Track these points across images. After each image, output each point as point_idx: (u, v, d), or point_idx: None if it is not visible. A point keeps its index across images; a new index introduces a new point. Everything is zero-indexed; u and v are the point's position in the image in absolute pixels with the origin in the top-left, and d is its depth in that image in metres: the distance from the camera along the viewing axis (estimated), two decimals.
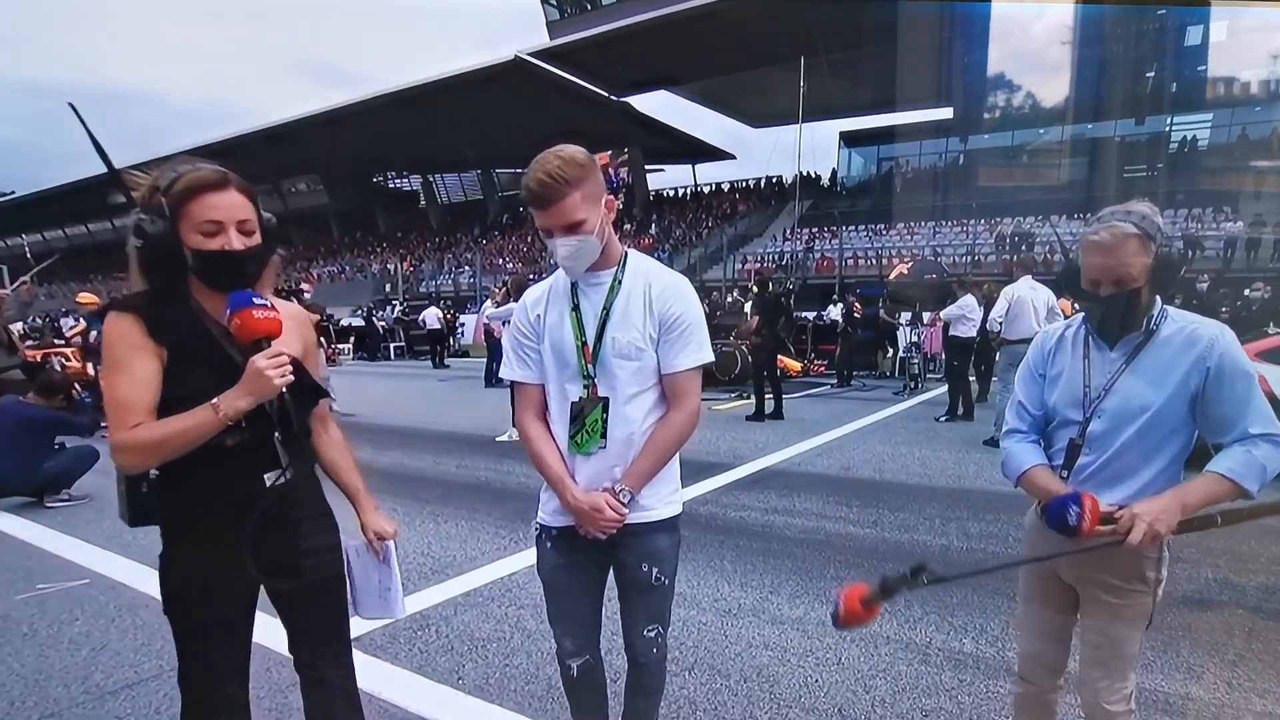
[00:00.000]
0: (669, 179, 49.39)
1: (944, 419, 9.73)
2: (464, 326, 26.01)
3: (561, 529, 2.06)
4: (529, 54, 34.30)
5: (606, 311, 1.97)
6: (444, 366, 20.21)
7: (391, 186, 56.14)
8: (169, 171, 1.63)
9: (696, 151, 46.82)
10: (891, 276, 18.49)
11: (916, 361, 13.31)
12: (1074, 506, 1.78)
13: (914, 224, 33.42)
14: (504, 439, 8.25)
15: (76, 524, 5.42)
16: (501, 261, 38.57)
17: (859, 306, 14.91)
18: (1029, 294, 8.07)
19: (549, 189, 1.82)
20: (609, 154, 42.24)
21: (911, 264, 20.59)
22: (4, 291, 10.93)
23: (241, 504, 1.68)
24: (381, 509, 2.03)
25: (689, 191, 47.16)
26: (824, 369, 16.07)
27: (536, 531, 2.15)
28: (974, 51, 34.43)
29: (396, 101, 38.18)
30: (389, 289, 34.46)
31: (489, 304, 14.19)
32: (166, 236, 1.61)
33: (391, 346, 25.11)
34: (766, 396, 9.98)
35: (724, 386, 13.09)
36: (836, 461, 7.36)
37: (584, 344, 1.97)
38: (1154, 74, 33.24)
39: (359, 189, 52.31)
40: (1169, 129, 34.75)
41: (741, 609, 3.83)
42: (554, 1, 36.41)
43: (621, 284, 1.99)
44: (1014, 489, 2.10)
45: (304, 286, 12.16)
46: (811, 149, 45.85)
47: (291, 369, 1.65)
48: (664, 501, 2.06)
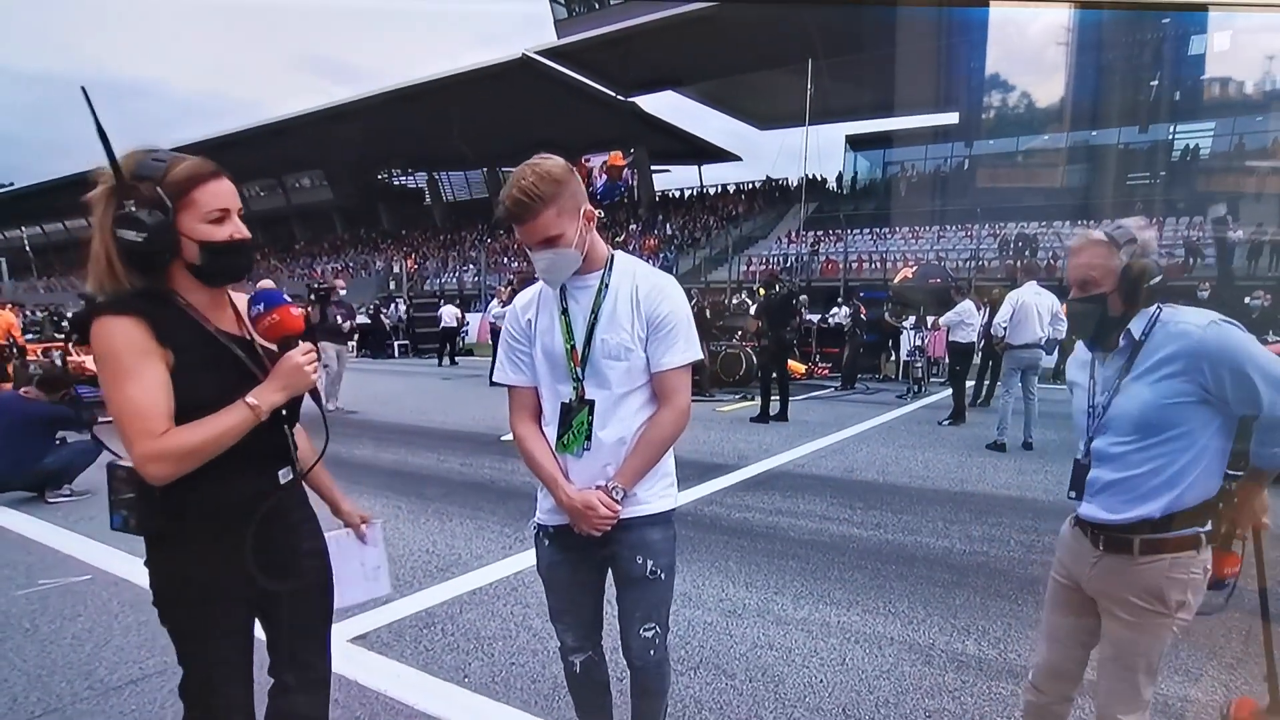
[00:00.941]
0: (675, 179, 49.54)
1: (946, 422, 9.71)
2: (469, 325, 26.02)
3: (559, 527, 2.08)
4: (536, 52, 34.35)
5: (595, 314, 1.99)
6: (454, 364, 20.25)
7: (396, 183, 56.17)
8: (149, 162, 1.54)
9: (702, 152, 46.85)
10: (896, 280, 18.50)
11: (920, 365, 13.28)
12: None
13: (918, 228, 33.40)
14: (508, 438, 8.20)
15: (77, 519, 5.41)
16: (506, 260, 38.57)
17: (864, 310, 14.88)
18: (1033, 299, 8.06)
19: (523, 207, 1.84)
20: (620, 153, 42.18)
21: (916, 268, 20.60)
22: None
23: (252, 501, 1.65)
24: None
25: (694, 192, 47.14)
26: (828, 372, 16.06)
27: (534, 530, 2.17)
28: (979, 57, 34.48)
29: (402, 98, 38.27)
30: (393, 286, 34.50)
31: (495, 303, 14.21)
32: (166, 228, 1.53)
33: (395, 344, 25.09)
34: (772, 399, 9.98)
35: (729, 388, 13.09)
36: (840, 464, 7.35)
37: (572, 347, 1.99)
38: (1157, 82, 33.27)
39: (363, 185, 52.37)
40: (1171, 137, 34.77)
41: (746, 609, 3.83)
42: (562, 1, 36.44)
43: (608, 286, 2.01)
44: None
45: (338, 283, 12.22)
46: (817, 152, 45.91)
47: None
48: (657, 495, 2.07)
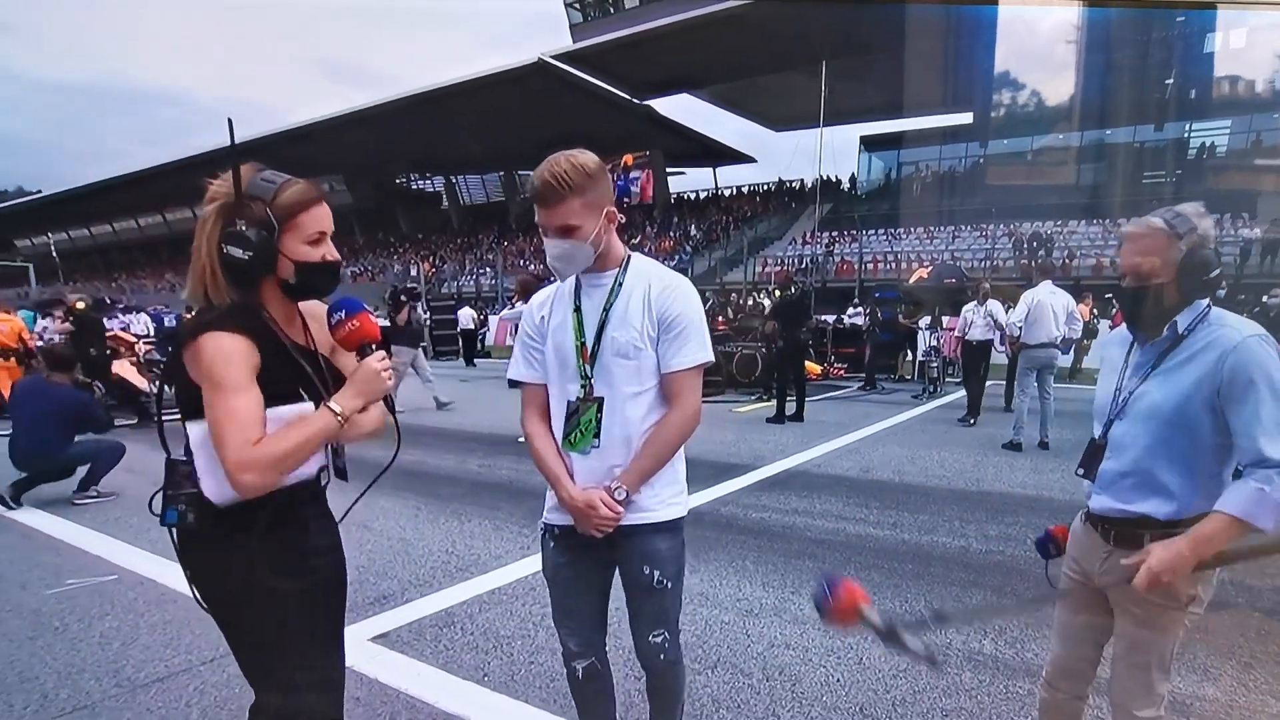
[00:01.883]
0: (689, 182, 49.44)
1: (971, 422, 9.67)
2: (487, 328, 26.18)
3: (564, 527, 2.06)
4: (552, 56, 34.46)
5: (606, 312, 1.98)
6: (472, 365, 20.48)
7: (414, 187, 56.51)
8: (259, 182, 1.62)
9: (717, 154, 46.85)
10: (911, 280, 18.43)
11: (936, 365, 13.23)
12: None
13: (933, 228, 33.28)
14: (524, 439, 8.24)
15: (104, 520, 5.50)
16: (522, 262, 38.69)
17: (880, 311, 14.82)
18: (1049, 299, 8.03)
19: (551, 190, 1.84)
20: (631, 156, 42.27)
21: (931, 268, 20.51)
22: None
23: (300, 497, 1.73)
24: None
25: (709, 194, 47.12)
26: (843, 372, 16.03)
27: (541, 530, 2.16)
28: (993, 56, 34.25)
29: (419, 103, 38.50)
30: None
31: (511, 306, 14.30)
32: (270, 248, 1.61)
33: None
34: (789, 399, 9.98)
35: (745, 389, 13.10)
36: (856, 463, 7.35)
37: (582, 344, 1.99)
38: (1172, 80, 32.96)
39: (381, 189, 52.73)
40: (1188, 134, 34.45)
41: (763, 609, 3.84)
42: (577, 5, 36.56)
43: (622, 285, 2.00)
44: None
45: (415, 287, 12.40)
46: (832, 153, 45.76)
47: None
48: (665, 503, 2.05)
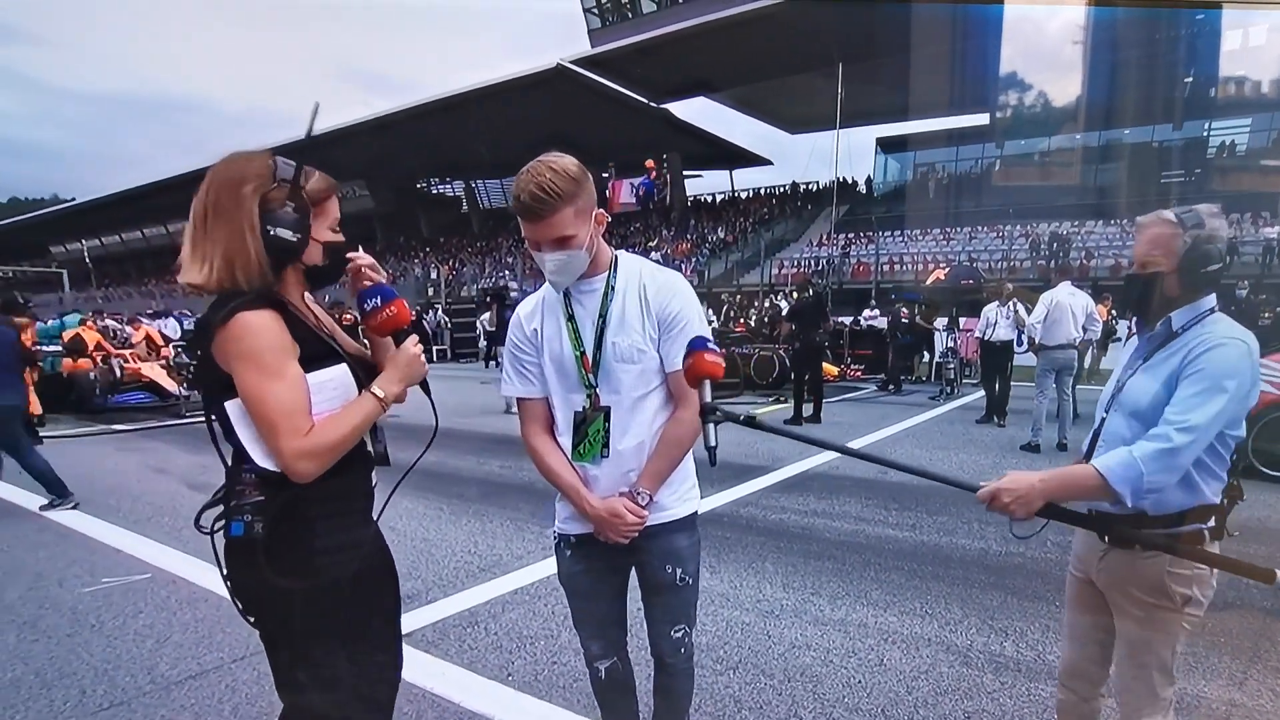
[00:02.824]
0: (706, 184, 49.38)
1: (999, 423, 9.64)
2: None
3: (580, 535, 2.06)
4: (571, 61, 34.58)
5: (603, 318, 1.94)
6: (499, 365, 20.44)
7: (434, 192, 56.79)
8: (285, 166, 1.61)
9: (734, 157, 46.75)
10: (929, 282, 18.37)
11: (953, 366, 13.19)
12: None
13: (950, 229, 33.07)
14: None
15: (136, 520, 5.63)
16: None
17: (905, 312, 14.70)
18: (1068, 300, 8.00)
19: (540, 202, 1.76)
20: (653, 160, 42.38)
21: (949, 269, 20.44)
22: None
23: (365, 499, 1.78)
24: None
25: (726, 197, 47.09)
26: (860, 374, 15.99)
27: (555, 540, 2.16)
28: (1010, 57, 34.06)
29: (440, 109, 38.69)
30: (431, 292, 34.86)
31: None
32: (308, 230, 1.62)
33: (434, 349, 25.38)
34: (806, 400, 9.99)
35: (762, 390, 13.11)
36: (874, 465, 7.32)
37: (582, 353, 1.95)
38: (1191, 78, 32.57)
39: (403, 194, 53.09)
40: (1207, 133, 34.00)
41: (784, 610, 3.87)
42: (595, 10, 36.65)
43: (615, 289, 1.96)
44: None
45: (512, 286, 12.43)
46: (849, 155, 45.56)
47: None
48: (680, 499, 2.05)
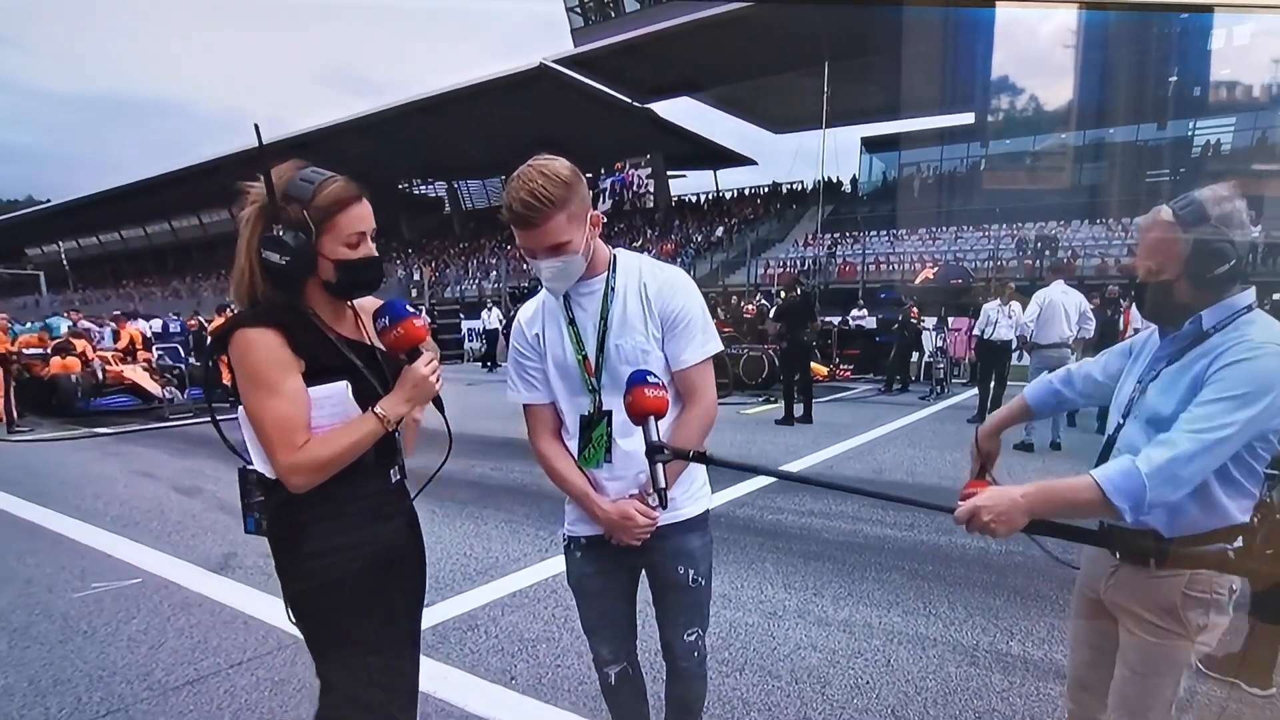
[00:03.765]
0: (690, 185, 49.40)
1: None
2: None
3: (590, 537, 2.03)
4: (553, 61, 34.49)
5: (605, 320, 1.91)
6: (494, 368, 20.29)
7: (416, 193, 56.51)
8: (298, 183, 1.62)
9: (718, 157, 46.79)
10: (917, 281, 18.43)
11: (942, 366, 13.24)
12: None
13: (935, 229, 33.20)
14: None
15: (126, 524, 5.54)
16: (525, 267, 38.57)
17: (915, 311, 14.55)
18: (1060, 298, 8.03)
19: (533, 210, 1.71)
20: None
21: (936, 269, 20.53)
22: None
23: (375, 500, 1.75)
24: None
25: (710, 197, 47.13)
26: (849, 373, 16.03)
27: (564, 542, 2.12)
28: (993, 57, 34.26)
29: (422, 109, 38.46)
30: (414, 294, 34.74)
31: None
32: (308, 251, 1.60)
33: None
34: (797, 401, 10.00)
35: (752, 390, 13.11)
36: (868, 465, 7.35)
37: (584, 357, 1.92)
38: (1175, 78, 32.88)
39: (384, 196, 52.73)
40: (1192, 133, 34.31)
41: (787, 611, 3.85)
42: (579, 9, 36.58)
43: (615, 290, 1.92)
44: None
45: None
46: (835, 155, 45.68)
47: None
48: (691, 499, 2.01)
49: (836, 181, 42.75)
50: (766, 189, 44.64)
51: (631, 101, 38.35)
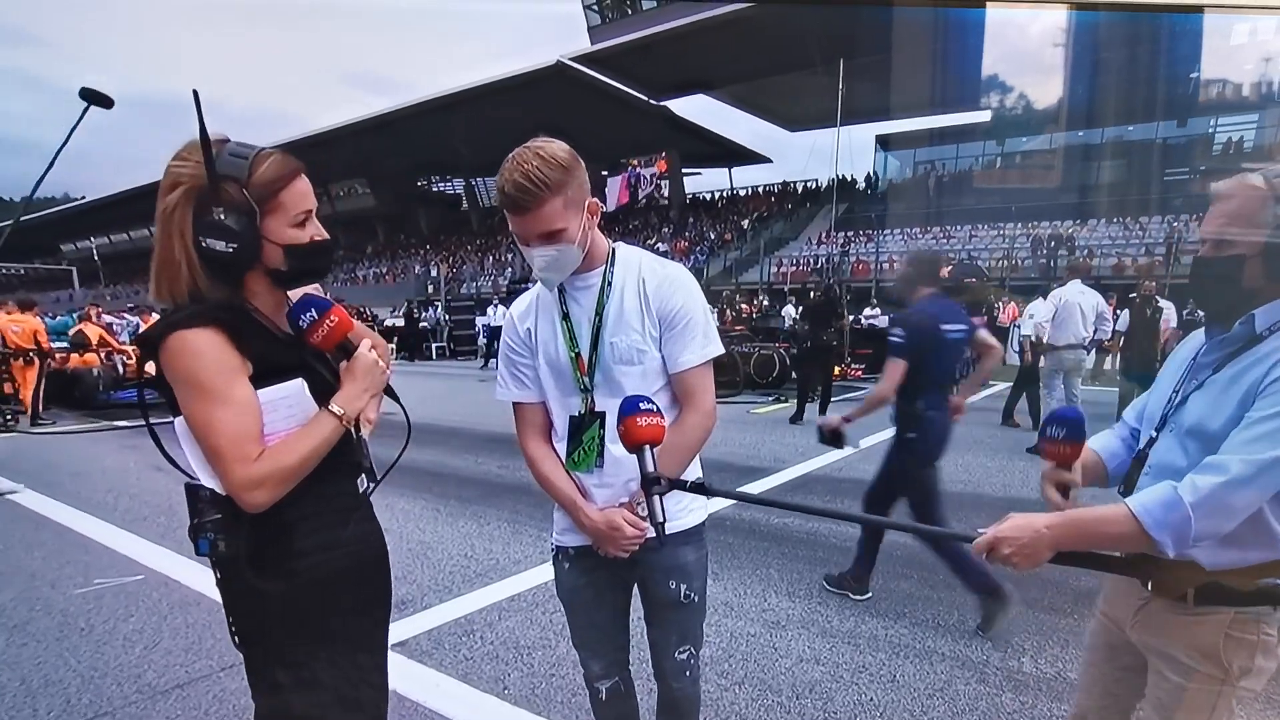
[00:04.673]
0: (705, 182, 49.34)
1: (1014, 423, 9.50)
2: None
3: (579, 548, 1.95)
4: (570, 59, 34.48)
5: (600, 316, 1.80)
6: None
7: (435, 190, 56.76)
8: (229, 158, 1.40)
9: (733, 155, 46.71)
10: None
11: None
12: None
13: (950, 227, 32.96)
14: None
15: (133, 519, 5.54)
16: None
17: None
18: (1077, 298, 7.84)
19: (526, 193, 1.60)
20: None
21: (951, 267, 20.28)
22: None
23: (344, 512, 1.60)
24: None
25: (725, 195, 47.02)
26: (860, 373, 15.87)
27: (553, 552, 2.04)
28: (1011, 55, 34.03)
29: (440, 107, 38.66)
30: (430, 290, 34.82)
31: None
32: (254, 235, 1.42)
33: (433, 346, 25.37)
34: (814, 399, 9.98)
35: (762, 389, 13.00)
36: (877, 467, 7.22)
37: (577, 355, 1.82)
38: (1196, 74, 32.45)
39: (403, 192, 53.11)
40: (1212, 130, 33.78)
41: (790, 620, 3.77)
42: (596, 7, 36.55)
43: (612, 284, 1.81)
44: None
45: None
46: (849, 152, 45.41)
47: None
48: (685, 509, 1.90)
49: (851, 179, 42.52)
50: (785, 186, 44.49)
51: (647, 99, 38.32)
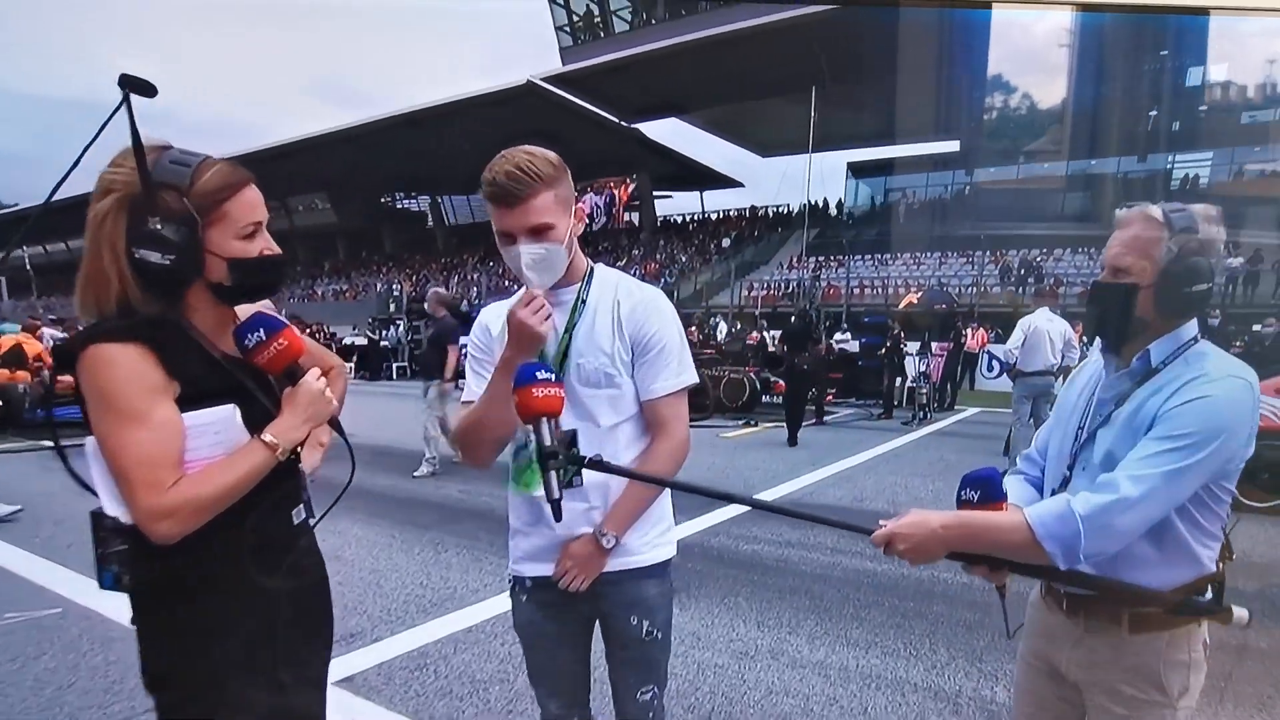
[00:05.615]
0: (676, 205, 49.53)
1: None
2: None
3: (537, 579, 1.82)
4: (541, 79, 34.49)
5: (569, 334, 1.72)
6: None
7: (400, 206, 56.31)
8: (169, 165, 1.30)
9: (704, 179, 46.94)
10: (901, 306, 18.37)
11: (925, 391, 13.09)
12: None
13: (920, 254, 33.42)
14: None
15: (55, 548, 5.12)
16: (507, 283, 38.52)
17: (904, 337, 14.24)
18: (1045, 325, 7.90)
19: (519, 183, 1.55)
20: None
21: (921, 294, 20.49)
22: None
23: (269, 549, 1.44)
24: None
25: (696, 218, 47.20)
26: (831, 397, 15.83)
27: (510, 583, 1.92)
28: (981, 86, 34.72)
29: (408, 122, 38.41)
30: (393, 308, 34.42)
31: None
32: (195, 248, 1.31)
33: (394, 366, 25.02)
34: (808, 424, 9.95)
35: (732, 414, 12.89)
36: (848, 492, 7.13)
37: None
38: (1155, 112, 33.45)
39: (367, 208, 52.53)
40: (1170, 166, 34.84)
41: (759, 651, 3.60)
42: (568, 28, 36.67)
43: (586, 302, 1.75)
44: None
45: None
46: (821, 179, 45.91)
47: None
48: (651, 544, 1.81)
49: (822, 205, 42.95)
50: (756, 211, 44.78)
51: (619, 121, 38.43)
